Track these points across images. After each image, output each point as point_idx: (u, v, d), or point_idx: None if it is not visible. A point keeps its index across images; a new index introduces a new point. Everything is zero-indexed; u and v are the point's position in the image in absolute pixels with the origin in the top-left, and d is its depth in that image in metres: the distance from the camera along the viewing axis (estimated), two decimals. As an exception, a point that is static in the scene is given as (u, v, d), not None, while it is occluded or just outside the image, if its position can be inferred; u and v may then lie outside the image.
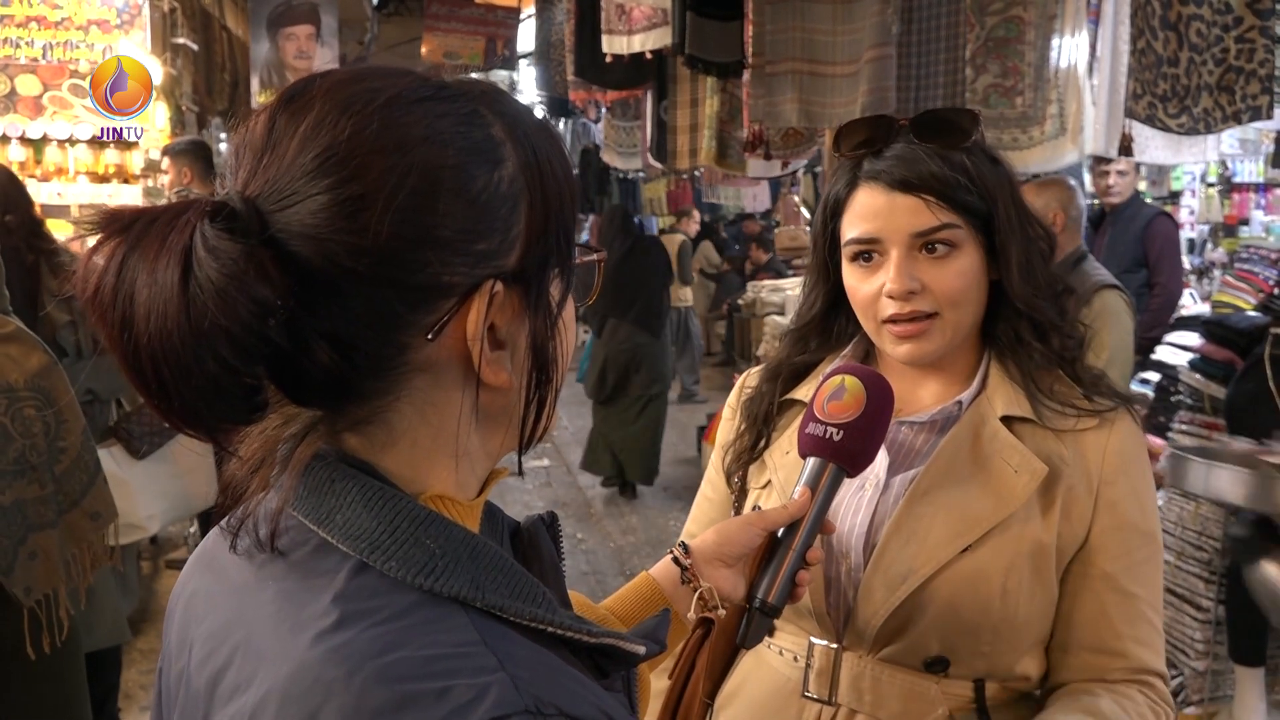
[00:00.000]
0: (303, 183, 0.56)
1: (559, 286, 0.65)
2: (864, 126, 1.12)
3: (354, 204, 0.56)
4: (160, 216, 0.54)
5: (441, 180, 0.58)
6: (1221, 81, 2.59)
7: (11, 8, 4.64)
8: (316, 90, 0.59)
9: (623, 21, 4.18)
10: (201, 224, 0.54)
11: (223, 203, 0.56)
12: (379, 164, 0.56)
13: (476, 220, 0.59)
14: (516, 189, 0.61)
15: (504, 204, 0.60)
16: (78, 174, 4.78)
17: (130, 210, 0.56)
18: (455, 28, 8.13)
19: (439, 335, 0.59)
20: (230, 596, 0.63)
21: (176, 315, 0.52)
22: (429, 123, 0.58)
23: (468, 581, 0.57)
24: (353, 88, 0.59)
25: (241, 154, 0.60)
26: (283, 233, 0.56)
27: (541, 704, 0.52)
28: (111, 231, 0.55)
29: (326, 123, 0.57)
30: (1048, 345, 1.11)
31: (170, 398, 0.54)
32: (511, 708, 0.51)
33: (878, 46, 3.02)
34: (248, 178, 0.58)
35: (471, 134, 0.60)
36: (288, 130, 0.58)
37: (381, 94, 0.58)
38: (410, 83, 0.60)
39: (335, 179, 0.56)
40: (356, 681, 0.52)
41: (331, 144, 0.56)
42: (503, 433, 0.66)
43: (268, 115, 0.60)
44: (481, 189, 0.59)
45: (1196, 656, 3.14)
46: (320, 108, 0.58)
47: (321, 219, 0.56)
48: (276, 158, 0.57)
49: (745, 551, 0.95)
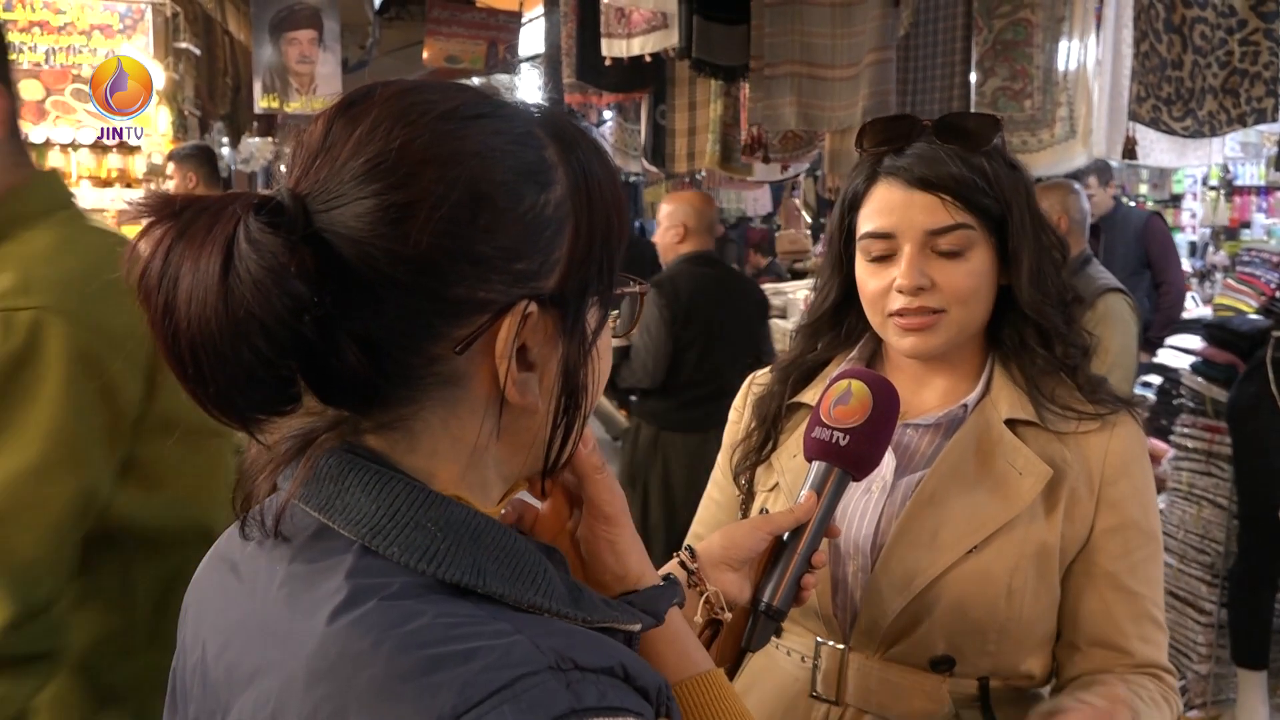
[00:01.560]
0: (351, 186, 0.57)
1: (597, 314, 0.65)
2: (887, 124, 1.14)
3: (398, 211, 0.56)
4: (210, 206, 0.56)
5: (487, 196, 0.58)
6: (1226, 84, 2.59)
7: (15, 13, 4.66)
8: (376, 98, 0.60)
9: (622, 25, 4.18)
10: (247, 216, 0.55)
11: (270, 197, 0.57)
12: (426, 174, 0.57)
13: (518, 240, 0.59)
14: (563, 213, 0.61)
15: (548, 226, 0.61)
16: (80, 179, 4.80)
17: (182, 197, 0.56)
18: (457, 32, 8.13)
19: (467, 349, 0.59)
20: (241, 589, 0.64)
21: (215, 304, 0.53)
22: (481, 139, 0.59)
23: (469, 568, 0.58)
24: (410, 98, 0.60)
25: (297, 154, 0.61)
26: (326, 232, 0.57)
27: (561, 659, 0.54)
28: (162, 217, 0.56)
29: (380, 130, 0.58)
30: (1051, 352, 1.12)
31: (206, 384, 0.56)
32: (537, 664, 0.53)
33: (878, 50, 3.02)
34: (300, 176, 0.60)
35: (523, 154, 0.60)
36: (343, 134, 0.59)
37: (437, 106, 0.59)
38: (468, 98, 0.61)
39: (382, 185, 0.57)
40: (384, 650, 0.53)
41: (383, 151, 0.57)
42: (525, 453, 0.66)
43: (325, 119, 0.61)
44: (527, 209, 0.60)
45: (1199, 660, 3.14)
46: (376, 115, 0.59)
47: (365, 223, 0.57)
48: (329, 160, 0.58)
49: (751, 555, 0.95)
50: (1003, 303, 1.14)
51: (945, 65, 3.08)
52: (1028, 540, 1.07)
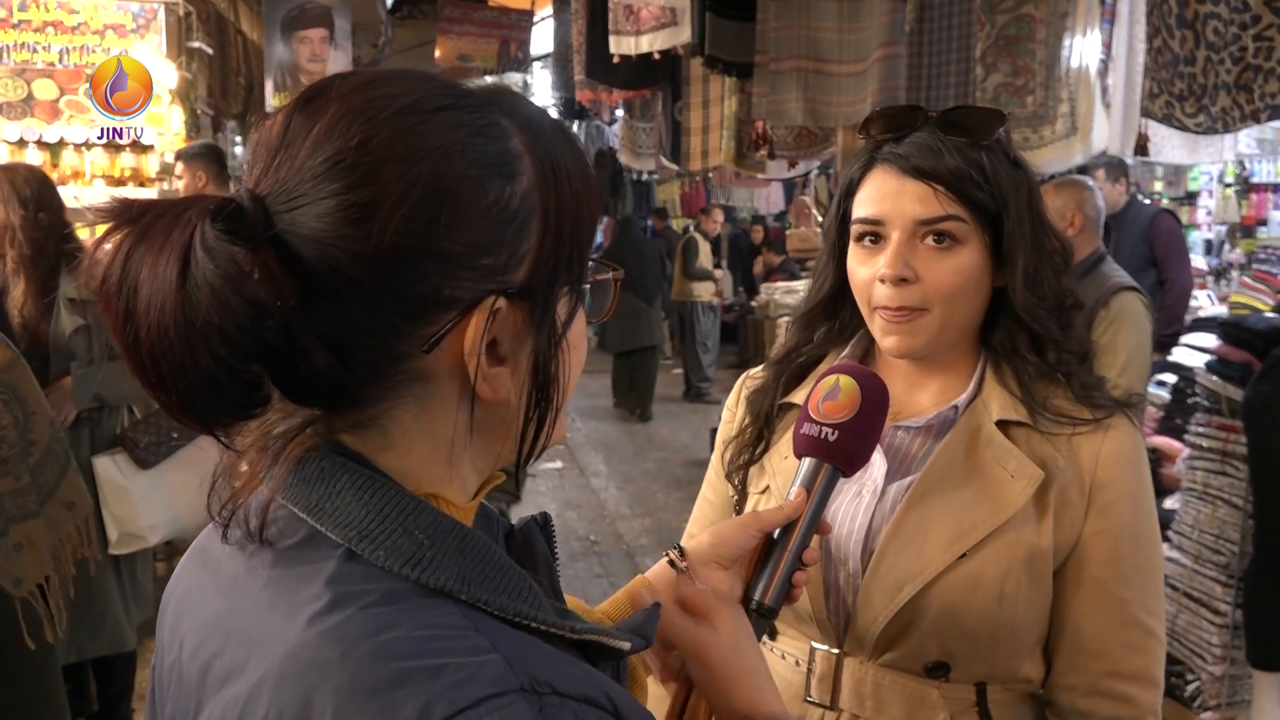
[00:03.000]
0: (311, 185, 0.56)
1: (568, 304, 0.64)
2: (892, 113, 1.13)
3: (359, 210, 0.55)
4: (168, 211, 0.55)
5: (450, 192, 0.57)
6: (1240, 80, 2.56)
7: (29, 13, 4.68)
8: (334, 93, 0.59)
9: (631, 22, 4.18)
10: (203, 223, 0.54)
11: (229, 200, 0.56)
12: (387, 172, 0.56)
13: (484, 235, 0.58)
14: (529, 205, 0.60)
15: (514, 220, 0.59)
16: (94, 178, 4.82)
17: (141, 202, 0.56)
18: (469, 30, 8.15)
19: (435, 348, 0.58)
20: (221, 588, 0.63)
21: (173, 311, 0.53)
22: (443, 133, 0.58)
23: (454, 575, 0.57)
24: (369, 92, 0.58)
25: (258, 151, 0.60)
26: (288, 233, 0.56)
27: (536, 682, 0.52)
28: (122, 221, 0.55)
29: (339, 127, 0.57)
30: (1043, 358, 1.10)
31: (169, 390, 0.55)
32: (507, 685, 0.51)
33: (887, 45, 3.01)
34: (260, 176, 0.58)
35: (487, 146, 0.59)
36: (302, 131, 0.58)
37: (397, 100, 0.58)
38: (429, 90, 0.59)
39: (343, 184, 0.56)
40: (352, 660, 0.52)
41: (342, 149, 0.56)
42: (500, 445, 0.65)
43: (285, 115, 0.60)
44: (492, 203, 0.58)
45: (1214, 661, 3.10)
46: (335, 110, 0.57)
47: (326, 223, 0.55)
48: (289, 158, 0.57)
49: (741, 553, 0.94)
50: (997, 305, 1.12)
51: (960, 60, 3.06)
52: (1019, 544, 1.06)
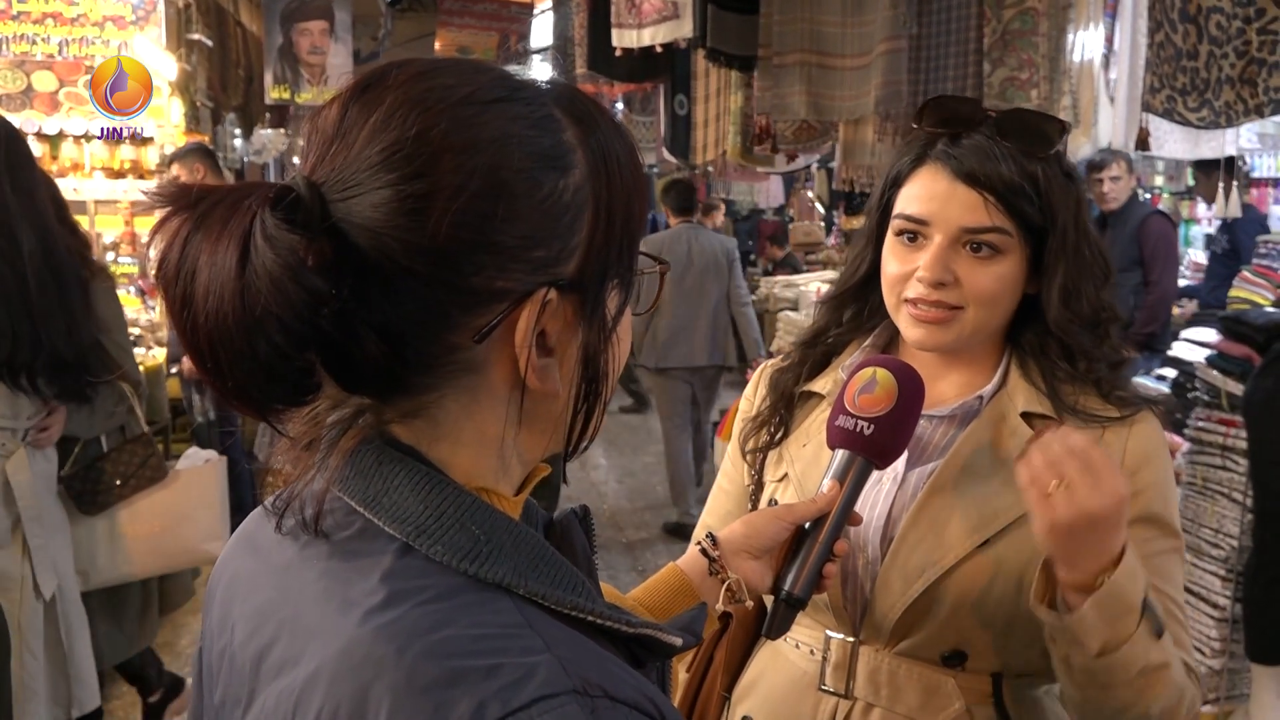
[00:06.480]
0: (367, 175, 0.56)
1: (617, 298, 0.64)
2: (951, 105, 1.10)
3: (415, 201, 0.55)
4: (226, 198, 0.54)
5: (505, 185, 0.57)
6: (1243, 74, 2.55)
7: (28, 4, 4.67)
8: (391, 82, 0.59)
9: (632, 15, 4.17)
10: (263, 211, 0.53)
11: (288, 188, 0.56)
12: (444, 164, 0.56)
13: (537, 227, 0.58)
14: (581, 198, 0.60)
15: (567, 212, 0.59)
16: (93, 169, 4.81)
17: (199, 188, 0.56)
18: (469, 23, 8.12)
19: (486, 338, 0.58)
20: (273, 576, 0.63)
21: (232, 299, 0.53)
22: (500, 125, 0.58)
23: (510, 568, 0.57)
24: (426, 82, 0.58)
25: (312, 140, 0.60)
26: (344, 223, 0.56)
27: (589, 685, 0.52)
28: (179, 207, 0.55)
29: (397, 117, 0.57)
30: (1074, 367, 1.10)
31: (225, 377, 0.55)
32: (560, 687, 0.51)
33: (890, 39, 3.00)
34: (315, 163, 0.59)
35: (542, 139, 0.59)
36: (359, 120, 0.58)
37: (454, 91, 0.58)
38: (485, 81, 0.59)
39: (399, 175, 0.56)
40: (407, 658, 0.52)
41: (399, 139, 0.56)
42: (547, 437, 0.65)
43: (340, 102, 0.59)
44: (546, 196, 0.58)
45: (1212, 655, 3.12)
46: (392, 100, 0.57)
47: (382, 213, 0.56)
48: (345, 146, 0.57)
49: (773, 544, 0.95)
50: (1028, 308, 1.11)
51: (958, 55, 3.06)
52: None
